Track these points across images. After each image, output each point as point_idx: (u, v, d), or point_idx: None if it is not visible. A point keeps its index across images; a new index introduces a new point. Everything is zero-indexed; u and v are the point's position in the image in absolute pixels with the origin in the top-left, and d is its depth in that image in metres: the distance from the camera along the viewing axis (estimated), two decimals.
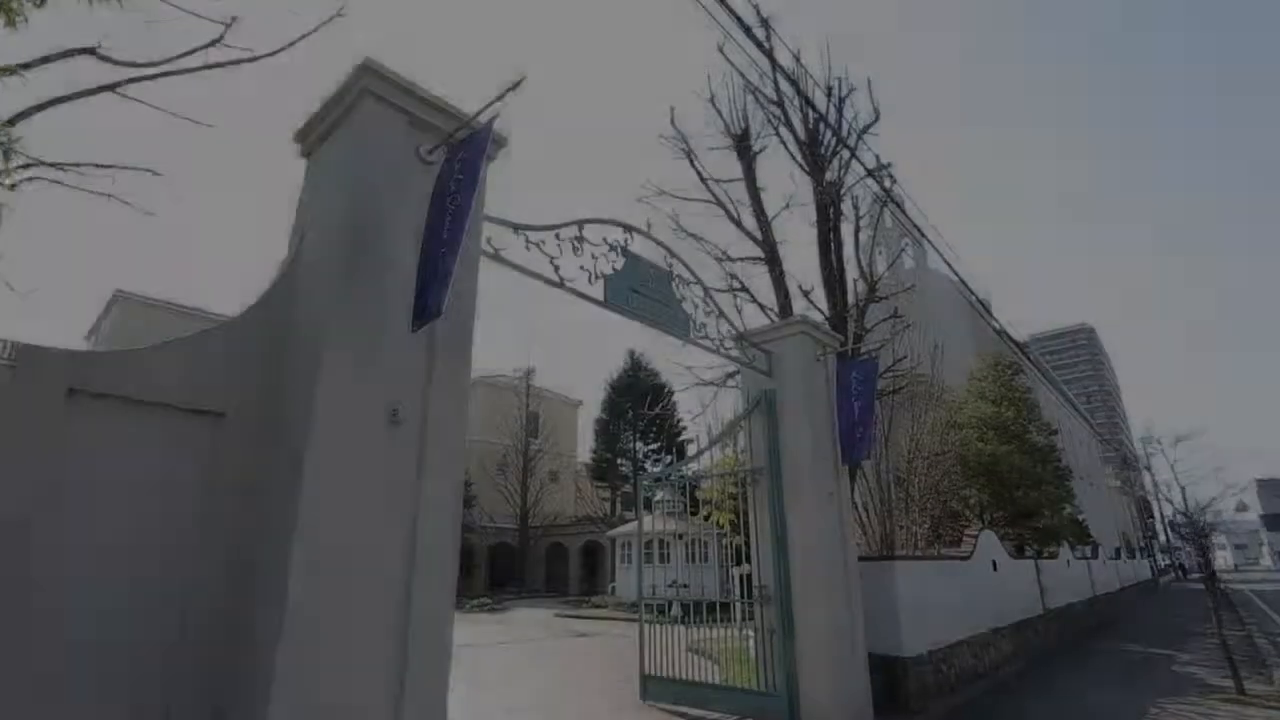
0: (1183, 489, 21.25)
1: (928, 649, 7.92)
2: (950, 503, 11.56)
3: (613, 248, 5.64)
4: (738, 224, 10.99)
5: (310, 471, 2.90)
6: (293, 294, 3.59)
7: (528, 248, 4.85)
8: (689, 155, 11.00)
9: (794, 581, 6.51)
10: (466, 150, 3.49)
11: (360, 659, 2.94)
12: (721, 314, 6.78)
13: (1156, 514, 41.83)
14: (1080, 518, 19.41)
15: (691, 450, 7.54)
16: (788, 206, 11.46)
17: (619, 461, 35.80)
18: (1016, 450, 14.47)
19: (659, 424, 32.04)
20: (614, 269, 5.59)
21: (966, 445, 14.35)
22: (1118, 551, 29.04)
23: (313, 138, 4.03)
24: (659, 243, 6.27)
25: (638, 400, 34.47)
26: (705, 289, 6.65)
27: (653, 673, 7.55)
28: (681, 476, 8.75)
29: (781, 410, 7.05)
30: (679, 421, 30.43)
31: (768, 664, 6.46)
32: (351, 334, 3.21)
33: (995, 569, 11.33)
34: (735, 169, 11.59)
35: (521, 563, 34.18)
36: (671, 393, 26.56)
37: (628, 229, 5.85)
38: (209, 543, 3.06)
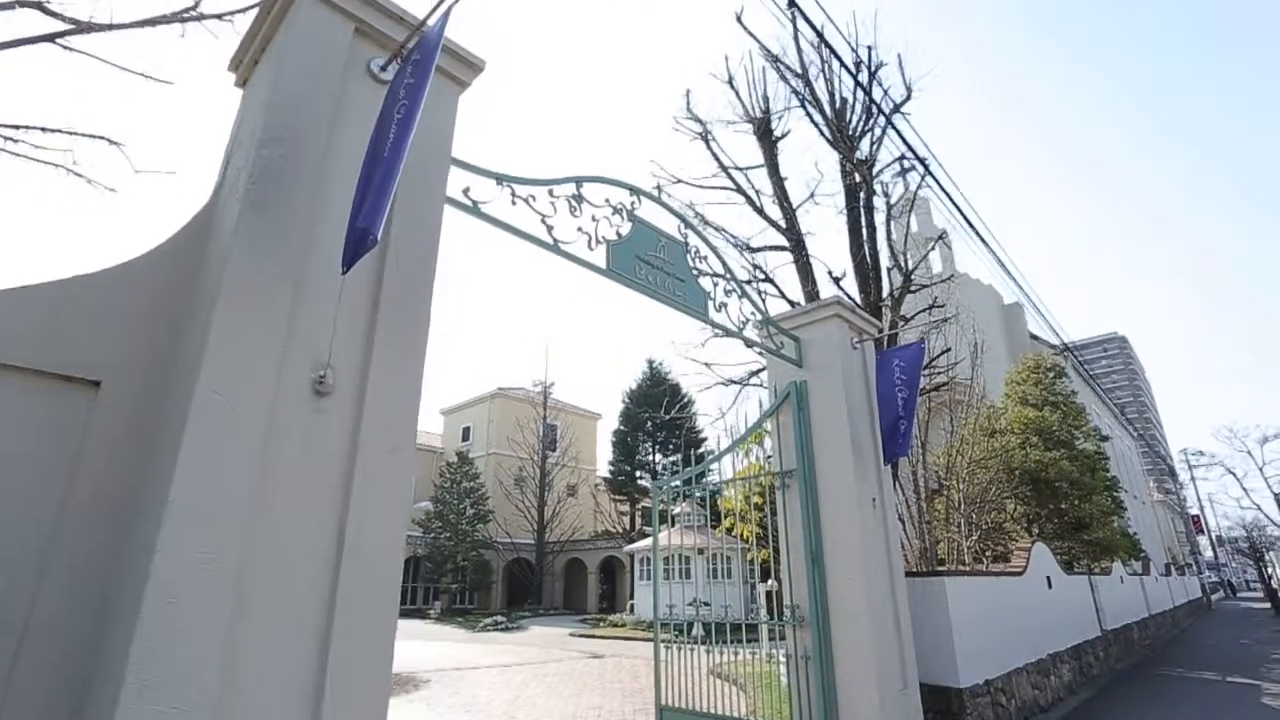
0: (1276, 495, 19.71)
1: (984, 678, 6.94)
2: (995, 514, 10.52)
3: (617, 210, 4.86)
4: (760, 211, 10.19)
5: (186, 460, 2.13)
6: (204, 241, 2.85)
7: (514, 203, 4.10)
8: (706, 138, 10.25)
9: (832, 601, 5.61)
10: (419, 52, 2.75)
11: None
12: (744, 293, 5.96)
13: (1208, 528, 39.77)
14: (1132, 531, 18.11)
15: (712, 453, 6.64)
16: (812, 197, 10.67)
17: (637, 474, 34.84)
18: (1064, 457, 13.35)
19: (678, 434, 31.09)
20: (618, 234, 4.81)
21: (1009, 452, 13.27)
22: (1167, 568, 27.44)
23: (247, 60, 3.31)
24: (672, 211, 5.49)
25: (656, 411, 33.60)
26: (725, 264, 5.85)
27: (671, 703, 6.65)
28: (701, 480, 7.90)
29: (815, 404, 6.19)
30: (700, 432, 29.47)
31: (802, 695, 5.55)
32: (262, 278, 2.45)
33: (1050, 586, 10.27)
34: (755, 156, 10.85)
35: (539, 580, 33.30)
36: (691, 401, 25.56)
37: (635, 192, 5.08)
38: (68, 552, 2.30)
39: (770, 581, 12.29)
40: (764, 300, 8.53)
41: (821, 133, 9.18)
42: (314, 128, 2.80)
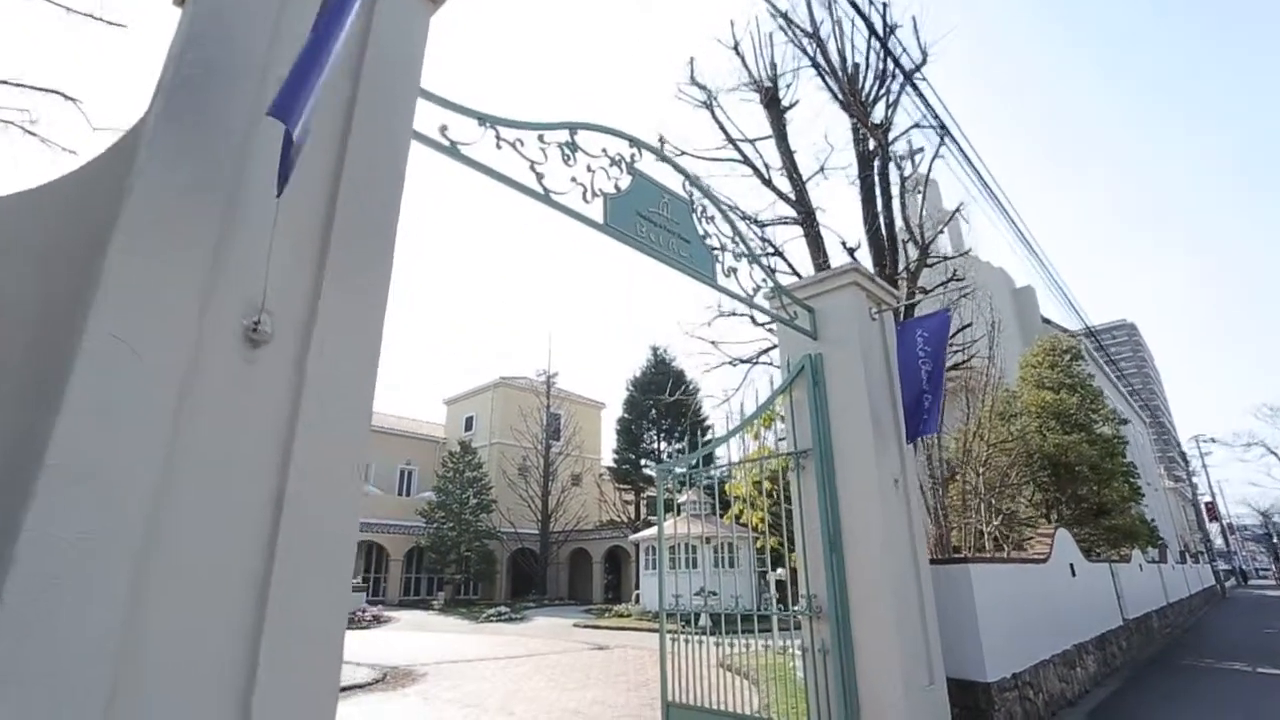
0: None
1: (1011, 671, 6.52)
2: (1012, 499, 10.08)
3: (615, 162, 4.41)
4: (768, 183, 9.70)
5: (70, 412, 1.70)
6: (127, 166, 2.41)
7: (499, 146, 3.65)
8: (710, 106, 9.74)
9: (852, 590, 5.18)
10: None
11: None
12: (754, 259, 5.51)
13: (1220, 515, 39.27)
14: (1150, 518, 17.64)
15: (722, 433, 6.19)
16: (822, 170, 10.18)
17: (642, 463, 34.48)
18: (1084, 440, 12.88)
19: (683, 421, 30.67)
20: (617, 187, 4.36)
21: (1026, 436, 12.81)
22: (1182, 555, 27.00)
23: None
24: (676, 166, 5.04)
25: (661, 398, 33.19)
26: (735, 227, 5.39)
27: (678, 698, 6.24)
28: (709, 463, 7.47)
29: (831, 378, 5.75)
30: (705, 419, 29.05)
31: (820, 691, 5.14)
32: (176, 201, 2.02)
33: (1073, 574, 9.84)
34: (762, 128, 10.37)
35: (543, 570, 33.04)
36: (697, 388, 25.15)
37: (635, 144, 4.62)
38: None
39: (780, 570, 11.88)
40: (774, 274, 8.07)
41: (834, 95, 8.67)
42: (249, 32, 2.35)
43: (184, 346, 1.93)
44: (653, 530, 25.05)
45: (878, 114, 8.92)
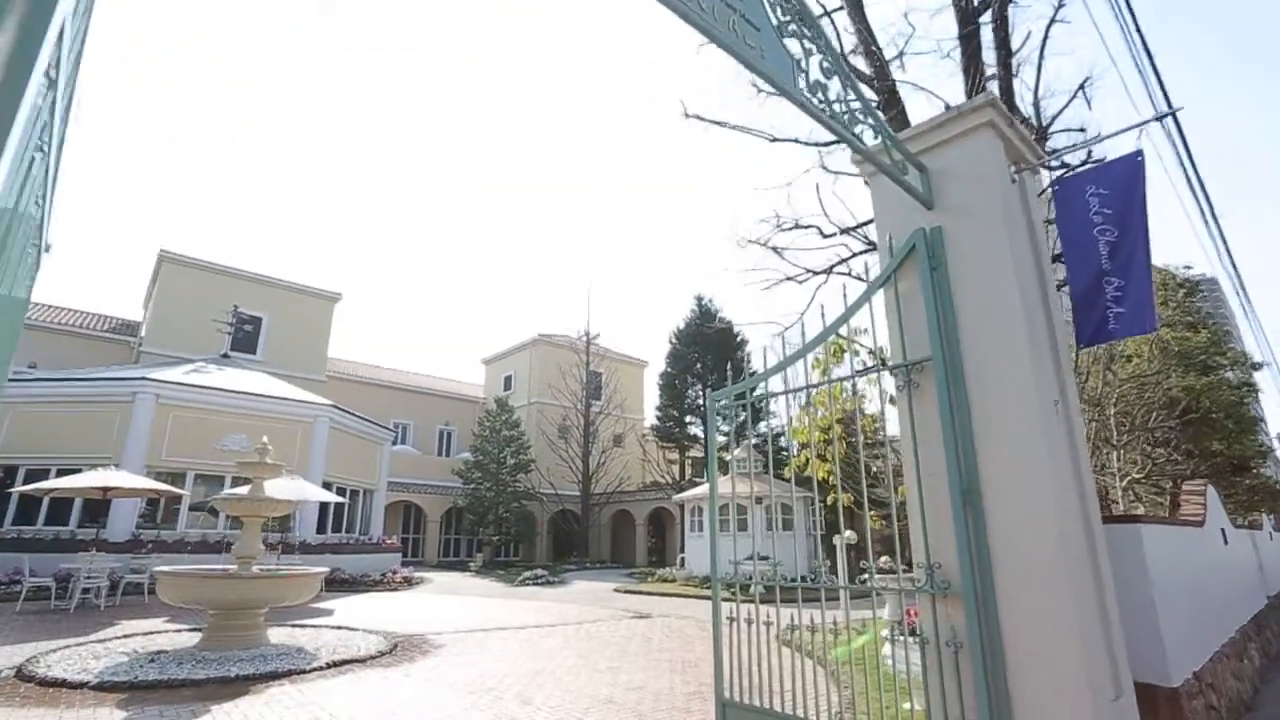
0: None
1: (1192, 670, 4.80)
2: (1151, 449, 8.16)
3: None
4: (842, 59, 7.79)
5: None
6: None
7: None
8: None
9: (998, 559, 3.53)
10: None
11: None
12: (848, 78, 3.79)
13: None
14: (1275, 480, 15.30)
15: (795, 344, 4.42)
16: (900, 56, 8.19)
17: (687, 420, 32.94)
18: (1219, 384, 10.73)
19: (730, 371, 28.91)
20: None
21: (1144, 379, 10.71)
22: None
23: None
24: None
25: (706, 352, 31.40)
26: (820, 28, 3.66)
27: (736, 696, 4.73)
28: (782, 375, 5.79)
29: (957, 261, 4.01)
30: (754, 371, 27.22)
31: (947, 701, 3.54)
32: None
33: (1225, 541, 7.93)
34: None
35: (585, 532, 32.10)
36: (745, 341, 23.29)
37: None
38: None
39: (850, 533, 10.13)
40: (873, 109, 6.26)
41: None
42: None
43: None
44: (699, 490, 23.58)
45: None
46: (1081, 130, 6.68)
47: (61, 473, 15.10)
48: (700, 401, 31.77)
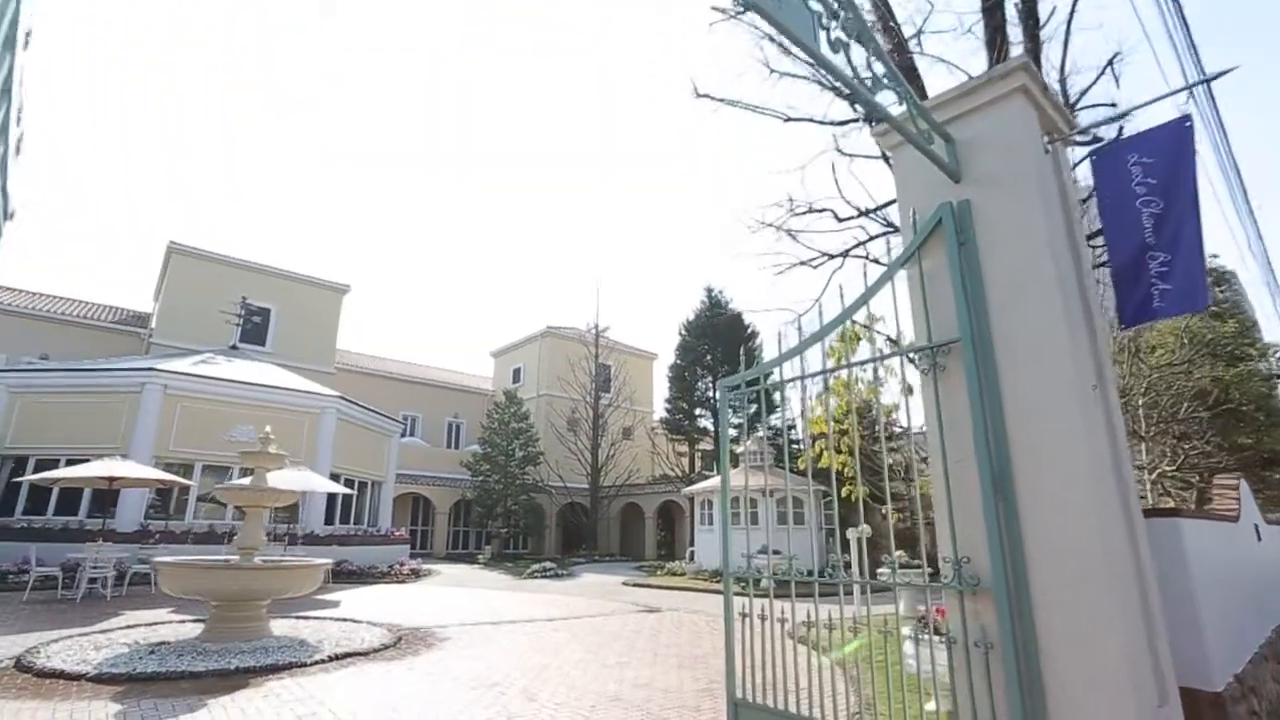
0: None
1: (1233, 673, 4.54)
2: (1175, 442, 7.84)
3: None
4: (863, 22, 7.50)
5: None
6: None
7: None
8: None
9: (1032, 553, 3.28)
10: None
11: None
12: (871, 38, 3.53)
13: None
14: None
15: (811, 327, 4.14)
16: (919, 35, 7.88)
17: (696, 412, 32.69)
18: (1249, 376, 10.37)
19: (743, 357, 28.69)
20: None
21: (1173, 369, 10.36)
22: None
23: None
24: None
25: (716, 343, 31.10)
26: None
27: (749, 695, 4.52)
28: (801, 358, 5.52)
29: (987, 237, 3.76)
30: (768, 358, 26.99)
31: (976, 706, 3.30)
32: None
33: (1259, 537, 7.62)
34: None
35: (594, 524, 31.98)
36: (756, 333, 23.05)
37: None
38: None
39: (865, 526, 9.90)
40: (897, 75, 5.99)
41: None
42: None
43: None
44: (708, 483, 23.36)
45: None
46: (1113, 105, 6.39)
47: (70, 463, 15.07)
48: (710, 394, 31.52)
